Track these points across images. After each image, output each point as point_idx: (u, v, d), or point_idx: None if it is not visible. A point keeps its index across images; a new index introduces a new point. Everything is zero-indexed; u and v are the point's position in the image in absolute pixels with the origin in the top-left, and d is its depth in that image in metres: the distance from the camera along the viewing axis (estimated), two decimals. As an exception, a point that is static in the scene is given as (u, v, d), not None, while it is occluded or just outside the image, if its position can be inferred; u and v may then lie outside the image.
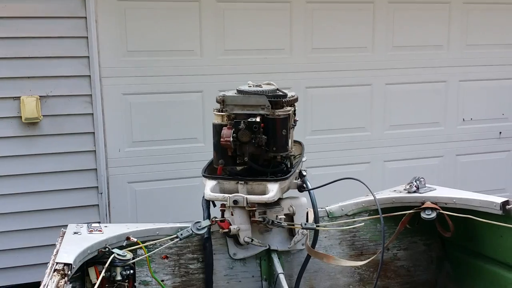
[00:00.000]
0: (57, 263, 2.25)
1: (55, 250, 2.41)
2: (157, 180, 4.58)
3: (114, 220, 4.41)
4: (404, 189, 3.20)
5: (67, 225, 2.79)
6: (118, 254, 2.50)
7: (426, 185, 3.20)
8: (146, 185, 4.56)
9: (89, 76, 4.12)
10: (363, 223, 3.04)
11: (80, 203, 4.28)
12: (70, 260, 2.28)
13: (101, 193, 4.31)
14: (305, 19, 4.74)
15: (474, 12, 5.21)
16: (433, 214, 2.95)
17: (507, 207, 2.81)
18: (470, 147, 5.42)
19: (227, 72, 4.54)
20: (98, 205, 4.33)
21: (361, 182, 2.82)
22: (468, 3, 5.17)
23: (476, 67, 5.32)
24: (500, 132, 5.50)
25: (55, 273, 2.17)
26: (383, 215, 2.77)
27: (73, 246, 2.45)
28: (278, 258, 2.92)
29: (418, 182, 3.17)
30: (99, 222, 4.24)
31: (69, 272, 2.22)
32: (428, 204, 3.00)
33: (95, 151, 4.24)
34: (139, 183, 4.54)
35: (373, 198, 2.89)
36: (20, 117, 3.99)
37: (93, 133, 4.22)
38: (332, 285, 3.14)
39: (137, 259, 2.63)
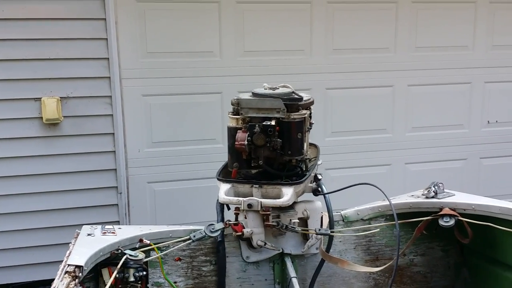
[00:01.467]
0: (68, 265, 2.27)
1: (68, 252, 2.43)
2: (176, 180, 4.60)
3: (133, 219, 4.46)
4: (422, 194, 3.14)
5: (83, 225, 2.82)
6: (130, 255, 2.51)
7: (445, 190, 3.13)
8: (166, 185, 4.59)
9: (109, 77, 4.15)
10: (378, 229, 3.00)
11: (100, 203, 4.32)
12: (81, 262, 2.29)
13: (121, 193, 4.34)
14: (326, 19, 4.69)
15: (500, 12, 5.08)
16: (452, 222, 2.88)
17: (527, 214, 2.74)
18: (494, 150, 5.30)
19: (247, 73, 4.52)
20: (117, 204, 4.36)
21: (377, 187, 2.77)
22: (495, 3, 5.05)
23: (503, 68, 5.20)
24: (526, 135, 5.37)
25: (66, 275, 2.19)
26: (399, 221, 2.72)
27: (85, 248, 2.47)
28: (292, 262, 2.90)
29: (436, 187, 3.10)
30: (118, 222, 4.31)
31: (80, 274, 2.24)
32: (446, 210, 2.93)
33: (115, 151, 4.28)
34: (158, 183, 4.57)
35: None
36: (41, 118, 4.04)
37: (113, 134, 4.25)
38: (347, 290, 3.11)
39: (149, 258, 2.63)
